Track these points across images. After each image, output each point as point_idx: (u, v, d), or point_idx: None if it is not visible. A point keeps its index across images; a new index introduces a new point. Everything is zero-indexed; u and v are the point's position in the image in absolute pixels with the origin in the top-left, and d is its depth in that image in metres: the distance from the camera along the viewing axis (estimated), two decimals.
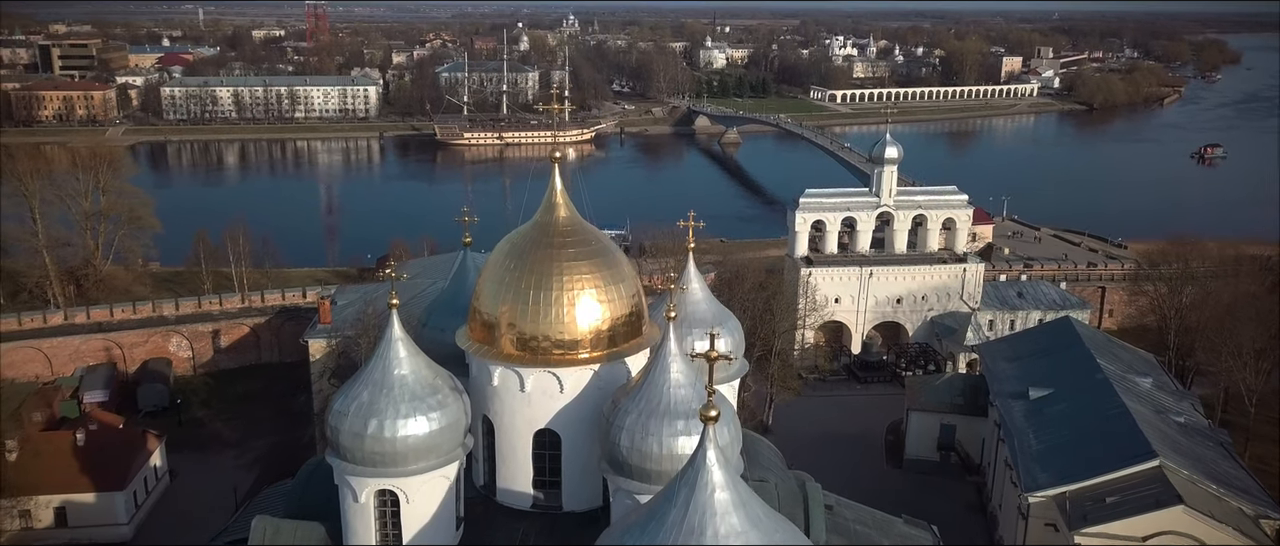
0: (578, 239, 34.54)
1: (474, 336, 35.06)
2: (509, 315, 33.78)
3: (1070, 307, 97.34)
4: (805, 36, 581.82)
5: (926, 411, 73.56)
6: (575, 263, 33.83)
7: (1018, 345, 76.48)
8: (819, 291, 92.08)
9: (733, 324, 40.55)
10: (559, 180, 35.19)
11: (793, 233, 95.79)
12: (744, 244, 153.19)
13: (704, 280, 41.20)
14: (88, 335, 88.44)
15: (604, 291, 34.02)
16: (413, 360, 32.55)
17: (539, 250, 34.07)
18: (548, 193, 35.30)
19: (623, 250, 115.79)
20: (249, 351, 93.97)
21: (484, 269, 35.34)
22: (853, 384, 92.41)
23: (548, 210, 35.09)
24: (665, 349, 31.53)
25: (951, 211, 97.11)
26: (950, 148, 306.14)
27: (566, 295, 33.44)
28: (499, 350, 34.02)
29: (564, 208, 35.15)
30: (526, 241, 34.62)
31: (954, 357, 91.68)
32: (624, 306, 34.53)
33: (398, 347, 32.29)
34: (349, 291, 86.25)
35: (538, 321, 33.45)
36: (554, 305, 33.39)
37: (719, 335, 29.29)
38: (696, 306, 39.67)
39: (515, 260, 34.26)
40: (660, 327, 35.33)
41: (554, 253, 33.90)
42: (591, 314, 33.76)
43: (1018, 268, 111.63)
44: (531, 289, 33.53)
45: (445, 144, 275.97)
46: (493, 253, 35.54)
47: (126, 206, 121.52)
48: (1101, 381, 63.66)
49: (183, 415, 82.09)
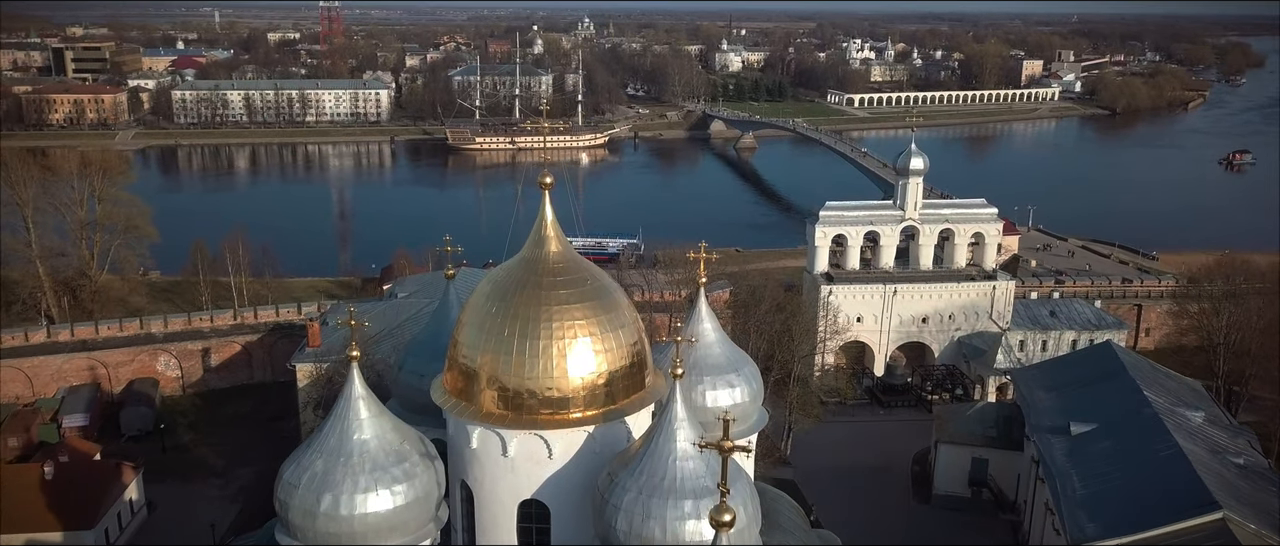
0: (570, 277, 29.82)
1: (451, 390, 30.41)
2: (490, 366, 29.12)
3: (1106, 328, 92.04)
4: (822, 39, 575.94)
5: (957, 444, 68.43)
6: (567, 306, 29.14)
7: (1055, 372, 71.17)
8: (840, 310, 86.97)
9: (749, 369, 35.66)
10: (550, 209, 30.47)
11: (812, 247, 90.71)
12: (759, 254, 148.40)
13: (717, 319, 36.25)
14: (71, 354, 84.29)
15: (600, 339, 29.30)
16: (376, 422, 27.93)
17: (525, 291, 29.39)
18: (537, 223, 30.61)
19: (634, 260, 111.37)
20: (240, 370, 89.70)
21: (463, 311, 30.70)
22: (875, 408, 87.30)
23: (536, 244, 30.39)
24: (671, 413, 26.81)
25: (980, 225, 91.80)
26: (970, 153, 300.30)
27: (556, 344, 28.75)
28: (478, 407, 29.35)
29: (556, 241, 30.43)
30: (511, 280, 29.94)
31: (983, 381, 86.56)
32: (624, 356, 29.79)
33: (358, 408, 27.68)
34: (343, 310, 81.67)
35: (523, 374, 28.77)
36: (542, 356, 28.71)
37: (732, 416, 24.41)
38: (708, 350, 34.82)
39: (498, 302, 29.59)
40: (665, 378, 30.66)
41: (542, 294, 29.23)
42: (585, 365, 29.05)
43: (1049, 284, 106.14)
44: (516, 336, 28.86)
45: (457, 148, 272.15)
46: (474, 293, 30.86)
47: (123, 215, 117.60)
48: (1151, 417, 58.42)
49: (167, 440, 77.81)
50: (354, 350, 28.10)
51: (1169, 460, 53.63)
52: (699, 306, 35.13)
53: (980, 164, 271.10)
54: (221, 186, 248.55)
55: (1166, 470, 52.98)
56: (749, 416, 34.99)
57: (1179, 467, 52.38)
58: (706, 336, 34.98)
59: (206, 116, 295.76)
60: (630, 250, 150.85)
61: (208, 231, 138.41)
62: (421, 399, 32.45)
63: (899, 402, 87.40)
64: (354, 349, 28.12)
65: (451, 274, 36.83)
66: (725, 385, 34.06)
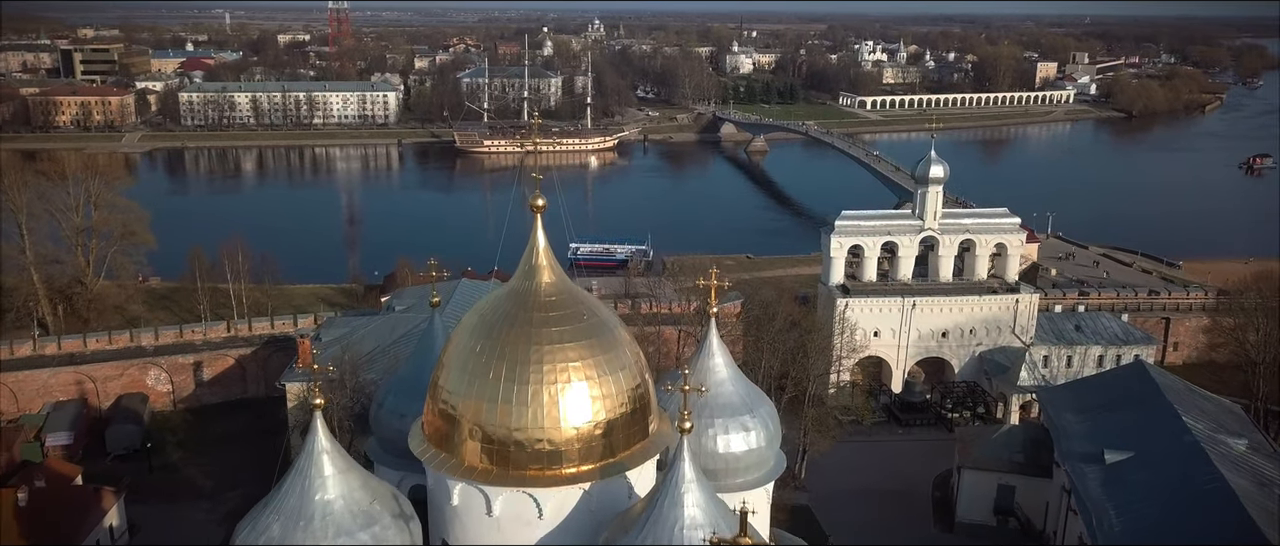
0: (565, 312, 26.46)
1: (431, 437, 27.10)
2: (474, 413, 25.79)
3: (1133, 343, 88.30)
4: (833, 41, 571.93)
5: (982, 470, 64.79)
6: (560, 346, 25.81)
7: (1085, 393, 67.44)
8: (857, 324, 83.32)
9: (765, 410, 32.22)
10: (542, 235, 27.10)
11: (827, 258, 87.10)
12: (771, 261, 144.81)
13: (728, 351, 32.78)
14: (58, 368, 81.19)
15: (598, 383, 25.94)
16: (343, 479, 24.65)
17: (513, 327, 26.06)
18: (528, 250, 27.26)
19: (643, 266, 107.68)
20: (234, 385, 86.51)
21: (446, 347, 27.34)
22: (893, 427, 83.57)
23: (526, 274, 27.05)
24: (677, 474, 23.43)
25: (1002, 236, 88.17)
26: (985, 157, 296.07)
27: (548, 389, 25.42)
28: (460, 460, 26.02)
29: (548, 270, 27.06)
30: (498, 315, 26.60)
31: (1006, 399, 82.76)
32: (624, 401, 26.43)
33: (321, 463, 24.39)
34: (338, 323, 78.59)
35: (510, 423, 25.44)
36: (531, 402, 25.37)
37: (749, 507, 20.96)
38: (720, 388, 31.37)
39: (483, 340, 26.26)
40: (671, 423, 27.30)
41: (533, 331, 25.89)
42: (581, 413, 25.70)
43: (1072, 295, 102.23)
44: (503, 379, 25.54)
45: (464, 152, 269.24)
46: (458, 327, 27.52)
47: (119, 221, 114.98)
48: (1191, 445, 54.73)
49: (154, 459, 74.70)
50: (317, 396, 24.78)
51: (1212, 493, 50.00)
52: (709, 339, 31.69)
53: (995, 168, 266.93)
54: (226, 189, 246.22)
55: (1210, 503, 49.38)
56: (765, 462, 31.60)
57: (1224, 501, 48.77)
58: (717, 372, 31.57)
59: (213, 119, 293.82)
60: (639, 256, 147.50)
61: (210, 235, 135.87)
62: (404, 441, 29.20)
63: (918, 421, 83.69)
64: (317, 394, 24.80)
65: (437, 301, 33.47)
66: (739, 428, 30.70)
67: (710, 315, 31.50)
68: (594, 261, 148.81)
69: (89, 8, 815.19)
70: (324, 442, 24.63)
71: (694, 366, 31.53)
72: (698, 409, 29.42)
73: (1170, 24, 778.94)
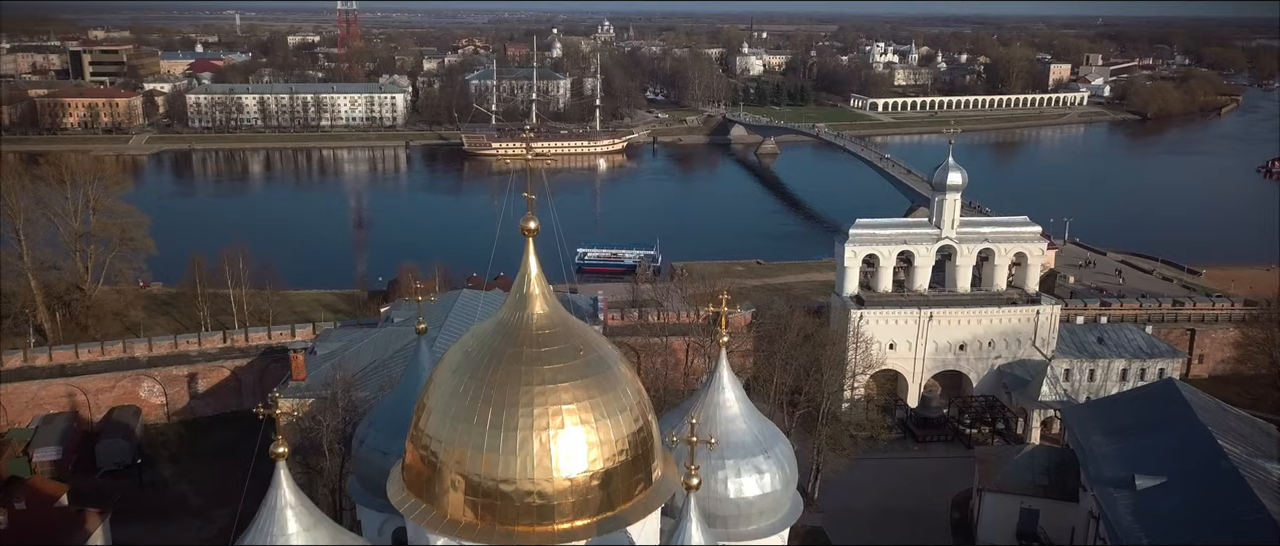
0: (559, 348, 23.82)
1: (411, 484, 24.51)
2: (458, 460, 23.19)
3: (1159, 356, 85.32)
4: (844, 42, 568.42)
5: (1004, 492, 61.93)
6: (554, 387, 23.18)
7: (1113, 414, 64.45)
8: (872, 337, 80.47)
9: (781, 450, 29.53)
10: (534, 261, 24.48)
11: (841, 268, 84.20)
12: (782, 266, 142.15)
13: (740, 385, 30.10)
14: (48, 379, 78.92)
15: (595, 427, 23.30)
16: (309, 536, 22.02)
17: (502, 366, 23.44)
18: (518, 279, 24.64)
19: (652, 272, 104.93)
20: (229, 397, 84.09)
21: (427, 386, 24.73)
22: (909, 443, 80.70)
23: (517, 304, 24.43)
24: (684, 532, 20.72)
25: (1022, 245, 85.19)
26: (999, 160, 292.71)
27: (539, 436, 22.78)
28: (442, 511, 23.43)
29: (541, 300, 24.43)
30: (485, 351, 23.98)
31: (1026, 414, 79.83)
32: (624, 447, 23.77)
33: (284, 520, 21.83)
34: (334, 335, 76.17)
35: (497, 472, 22.82)
36: (521, 450, 22.75)
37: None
38: (731, 426, 28.73)
39: (468, 378, 23.64)
40: (676, 466, 24.68)
41: (523, 370, 23.27)
42: (576, 461, 23.06)
43: (1094, 305, 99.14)
44: (489, 424, 22.92)
45: (472, 154, 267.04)
46: (441, 363, 24.91)
47: (118, 227, 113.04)
48: (1227, 471, 51.77)
49: (145, 475, 72.38)
50: (280, 445, 22.20)
51: (1254, 526, 47.05)
52: (719, 372, 29.01)
53: (1010, 171, 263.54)
54: (232, 192, 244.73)
55: (1251, 537, 46.43)
56: (780, 507, 28.94)
57: (1266, 534, 45.83)
58: (728, 408, 28.92)
59: (221, 120, 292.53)
60: (647, 262, 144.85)
61: (215, 238, 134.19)
62: (386, 480, 26.62)
63: (934, 437, 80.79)
64: (280, 444, 22.23)
65: (423, 328, 30.85)
66: (751, 470, 28.06)
67: (720, 345, 28.87)
68: (601, 267, 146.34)
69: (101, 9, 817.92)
70: (288, 497, 22.12)
71: (702, 400, 28.92)
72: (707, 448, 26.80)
73: (1183, 25, 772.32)
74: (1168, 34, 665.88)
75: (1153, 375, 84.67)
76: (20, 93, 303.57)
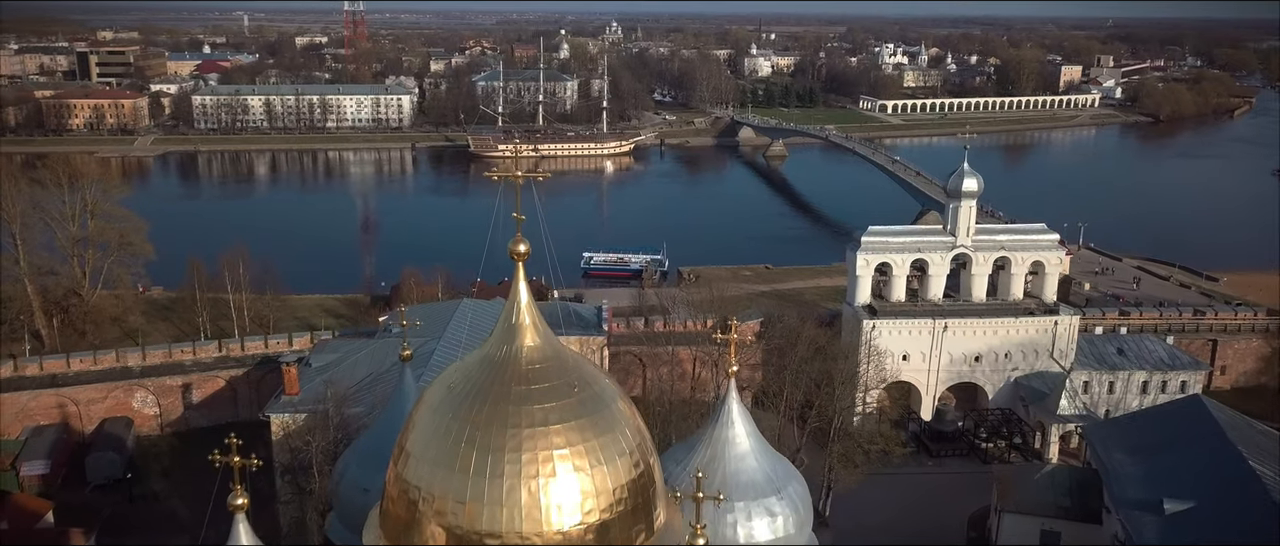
0: (551, 386, 21.54)
1: (390, 532, 22.26)
2: (439, 509, 20.94)
3: (1181, 368, 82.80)
4: (853, 44, 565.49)
5: (1024, 513, 59.45)
6: (545, 429, 20.89)
7: (1138, 432, 61.97)
8: (884, 348, 78.06)
9: (795, 489, 27.25)
10: (524, 289, 22.22)
11: (853, 277, 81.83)
12: (792, 271, 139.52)
13: (751, 419, 27.82)
14: (39, 390, 76.96)
15: (591, 474, 21.03)
16: None
17: (487, 405, 21.17)
18: (507, 307, 22.37)
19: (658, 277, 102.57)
20: (225, 408, 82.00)
21: (407, 425, 22.45)
22: (923, 457, 78.27)
23: (505, 336, 22.15)
24: None
25: (1039, 253, 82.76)
26: (1010, 163, 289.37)
27: (528, 484, 20.51)
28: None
29: (532, 331, 22.17)
30: (469, 388, 21.71)
31: (1044, 428, 77.36)
32: (623, 495, 21.47)
33: None
34: (330, 346, 73.96)
35: (482, 523, 20.57)
36: (507, 499, 20.49)
37: None
38: (741, 463, 26.48)
39: (451, 418, 21.38)
40: (680, 510, 22.43)
41: (511, 410, 20.99)
42: (569, 512, 20.78)
43: (1113, 314, 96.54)
44: (474, 469, 20.67)
45: (479, 156, 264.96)
46: (421, 400, 22.65)
47: (116, 232, 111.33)
48: (1260, 496, 49.21)
49: (136, 489, 70.37)
50: (239, 497, 20.02)
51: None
52: (727, 406, 26.73)
53: (1021, 174, 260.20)
54: (237, 194, 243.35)
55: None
56: None
57: None
58: (738, 444, 26.65)
59: (227, 122, 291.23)
60: (654, 266, 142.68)
61: (218, 240, 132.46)
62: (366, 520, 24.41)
63: (949, 451, 78.39)
64: (239, 495, 20.03)
65: (407, 355, 28.60)
66: (763, 512, 25.80)
67: (728, 376, 26.60)
68: (607, 271, 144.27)
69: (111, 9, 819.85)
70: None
71: (709, 436, 26.67)
72: (716, 484, 24.55)
73: (1194, 25, 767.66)
74: (1179, 35, 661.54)
75: (1174, 387, 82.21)
76: (26, 94, 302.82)
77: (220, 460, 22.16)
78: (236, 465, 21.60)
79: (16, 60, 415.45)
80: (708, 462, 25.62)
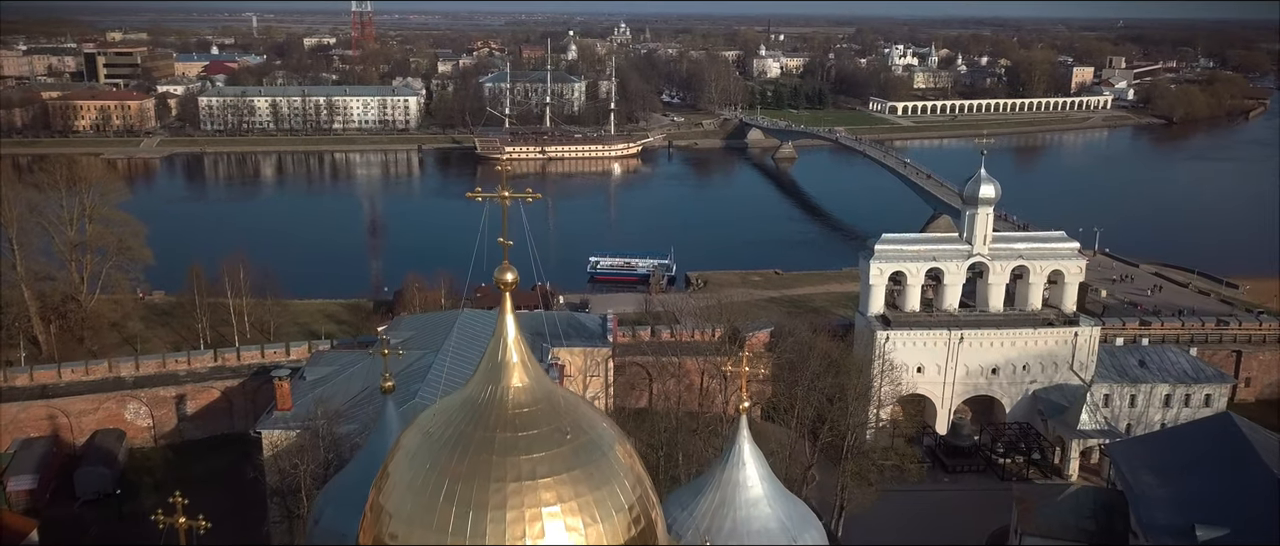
0: (540, 433, 19.25)
1: None
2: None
3: (1205, 381, 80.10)
4: (862, 45, 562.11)
5: (1046, 537, 56.94)
6: (533, 483, 18.61)
7: (1165, 452, 59.42)
8: (898, 359, 75.58)
9: (812, 536, 24.84)
10: (511, 324, 19.94)
11: (866, 287, 79.36)
12: (801, 277, 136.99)
13: (762, 456, 25.46)
14: (28, 401, 74.92)
15: (586, 533, 18.75)
16: None
17: (469, 455, 18.90)
18: (493, 345, 20.08)
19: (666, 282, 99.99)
20: (220, 419, 79.90)
21: (381, 474, 20.18)
22: (938, 473, 75.71)
23: (491, 375, 19.87)
24: None
25: (1059, 262, 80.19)
26: (1022, 166, 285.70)
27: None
28: None
29: (520, 371, 19.87)
30: (450, 434, 19.42)
31: (1064, 443, 74.77)
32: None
33: None
34: (326, 358, 71.72)
35: None
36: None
37: None
38: (753, 510, 24.16)
39: (429, 470, 19.11)
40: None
41: (495, 462, 18.73)
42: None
43: (1133, 324, 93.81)
44: (453, 527, 18.41)
45: (485, 158, 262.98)
46: (398, 445, 20.37)
47: (114, 236, 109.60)
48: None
49: (126, 505, 68.25)
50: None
51: None
52: (738, 444, 24.41)
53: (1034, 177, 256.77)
54: (241, 196, 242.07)
55: None
56: None
57: None
58: (750, 487, 24.33)
59: (233, 123, 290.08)
60: (661, 271, 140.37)
61: (221, 243, 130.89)
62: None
63: (965, 467, 75.82)
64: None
65: (389, 386, 26.38)
66: None
67: (740, 411, 24.30)
68: (613, 276, 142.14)
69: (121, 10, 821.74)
70: None
71: (718, 478, 24.36)
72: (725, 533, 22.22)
73: (1206, 26, 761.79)
74: (1190, 36, 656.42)
75: (1198, 401, 79.56)
76: (33, 95, 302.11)
77: (164, 521, 19.93)
78: (181, 527, 19.33)
79: (25, 61, 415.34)
80: (716, 508, 23.37)
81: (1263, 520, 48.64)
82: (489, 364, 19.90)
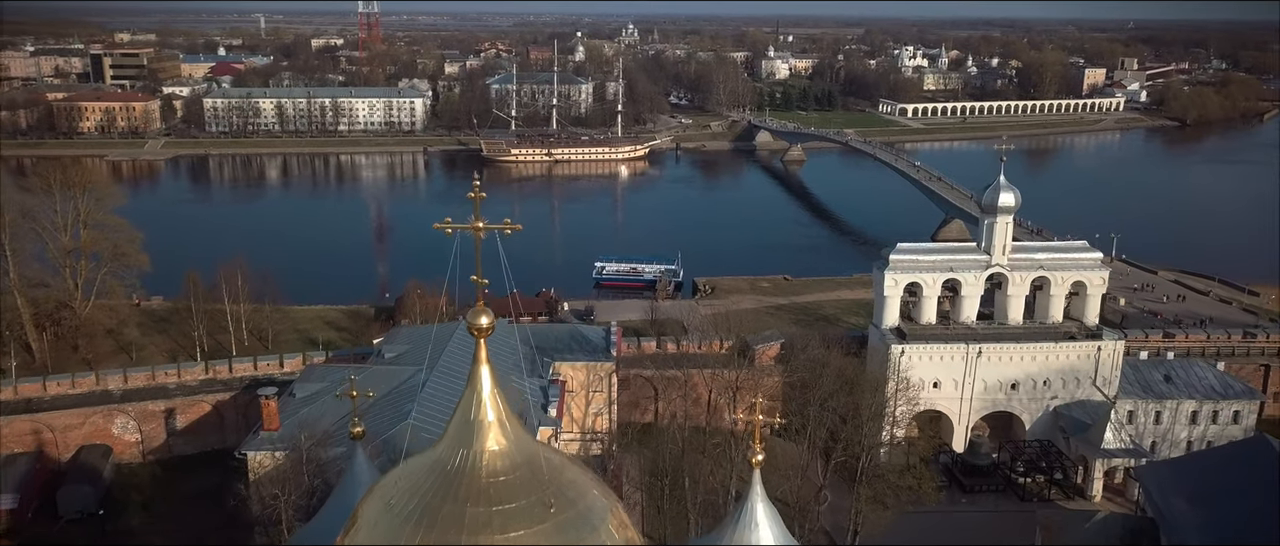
0: (520, 505, 16.45)
1: None
2: None
3: (1234, 397, 76.92)
4: (871, 46, 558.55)
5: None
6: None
7: (1197, 476, 56.47)
8: (914, 374, 72.64)
9: None
10: (487, 376, 17.14)
11: (880, 299, 76.42)
12: (811, 283, 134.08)
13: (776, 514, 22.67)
14: (12, 416, 72.48)
15: None
16: None
17: (436, 529, 16.12)
18: (465, 400, 17.28)
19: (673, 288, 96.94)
20: (210, 434, 77.34)
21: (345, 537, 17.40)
22: (955, 493, 72.70)
23: (462, 437, 17.07)
24: None
25: (1081, 273, 77.08)
26: (1034, 169, 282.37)
27: None
28: None
29: (496, 432, 17.07)
30: (416, 506, 16.63)
31: (1087, 463, 71.68)
32: None
33: None
34: (318, 373, 68.97)
35: None
36: None
37: None
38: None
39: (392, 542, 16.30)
40: None
41: (467, 539, 15.92)
42: None
43: (1156, 337, 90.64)
44: None
45: (491, 160, 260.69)
46: (356, 515, 17.58)
47: (110, 242, 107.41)
48: None
49: (110, 524, 65.80)
50: None
51: None
52: (751, 501, 21.61)
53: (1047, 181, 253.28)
54: (245, 198, 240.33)
55: None
56: None
57: None
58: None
59: (238, 125, 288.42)
60: (668, 277, 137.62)
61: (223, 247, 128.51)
62: None
63: (983, 487, 72.76)
64: None
65: (359, 432, 23.58)
66: None
67: (753, 464, 21.54)
68: (619, 282, 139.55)
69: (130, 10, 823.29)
70: None
71: (730, 534, 21.57)
72: None
73: (1218, 27, 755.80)
74: (1202, 37, 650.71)
75: (1226, 418, 76.43)
76: (38, 96, 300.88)
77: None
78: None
79: (31, 62, 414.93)
80: None
81: None
82: (460, 421, 17.12)
